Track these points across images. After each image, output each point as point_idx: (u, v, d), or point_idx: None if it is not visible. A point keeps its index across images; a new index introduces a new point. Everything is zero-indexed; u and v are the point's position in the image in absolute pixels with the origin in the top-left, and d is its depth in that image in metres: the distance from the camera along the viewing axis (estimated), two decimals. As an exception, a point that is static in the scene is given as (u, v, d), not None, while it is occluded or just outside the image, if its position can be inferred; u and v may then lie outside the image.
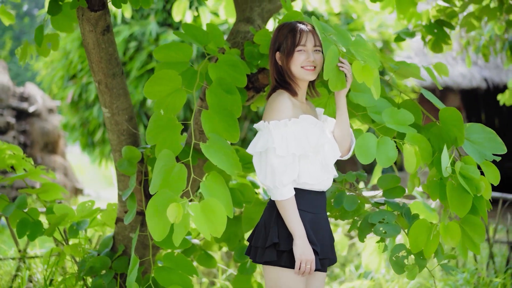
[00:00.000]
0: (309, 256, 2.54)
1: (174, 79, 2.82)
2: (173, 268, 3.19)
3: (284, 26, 2.69)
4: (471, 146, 2.78)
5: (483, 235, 2.76)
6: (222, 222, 2.46)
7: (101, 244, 3.71)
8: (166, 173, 2.56)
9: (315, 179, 2.62)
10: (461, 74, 10.62)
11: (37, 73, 10.26)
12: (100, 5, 3.06)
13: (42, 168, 3.81)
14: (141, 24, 8.41)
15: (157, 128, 2.78)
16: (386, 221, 3.03)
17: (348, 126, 2.70)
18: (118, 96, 3.32)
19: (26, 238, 4.43)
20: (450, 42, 4.14)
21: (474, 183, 2.65)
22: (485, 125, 2.85)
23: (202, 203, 2.46)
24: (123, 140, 3.42)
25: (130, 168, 3.31)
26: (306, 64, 2.63)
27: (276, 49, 2.68)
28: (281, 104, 2.60)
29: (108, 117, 3.38)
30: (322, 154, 2.63)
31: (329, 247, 2.71)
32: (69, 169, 11.77)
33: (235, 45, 3.38)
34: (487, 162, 2.77)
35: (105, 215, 3.75)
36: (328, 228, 2.75)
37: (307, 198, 2.64)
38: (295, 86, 2.68)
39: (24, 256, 4.68)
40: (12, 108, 11.08)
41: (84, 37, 3.17)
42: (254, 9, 3.51)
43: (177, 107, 2.84)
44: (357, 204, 3.18)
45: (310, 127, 2.60)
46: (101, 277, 3.47)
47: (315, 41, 2.65)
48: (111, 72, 3.25)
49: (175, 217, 2.39)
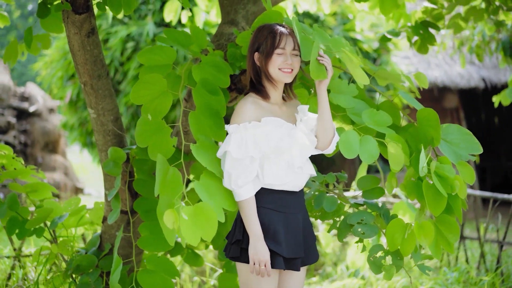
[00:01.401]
0: (262, 256, 2.59)
1: (159, 82, 2.88)
2: (156, 271, 3.24)
3: (264, 28, 2.74)
4: (447, 147, 2.84)
5: (458, 234, 2.81)
6: (214, 226, 2.51)
7: (88, 242, 3.77)
8: (162, 177, 2.60)
9: (280, 180, 2.67)
10: (459, 74, 10.62)
11: (39, 73, 10.33)
12: (85, 8, 3.11)
13: (32, 167, 3.86)
14: (139, 25, 8.46)
15: (146, 132, 2.84)
16: (365, 222, 3.08)
17: (329, 120, 2.72)
18: (104, 97, 3.37)
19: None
20: (435, 43, 4.17)
21: (449, 182, 2.70)
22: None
23: (195, 207, 2.50)
24: (108, 140, 3.47)
25: (116, 169, 3.37)
26: (284, 67, 2.69)
27: (255, 49, 2.73)
28: (243, 108, 2.67)
29: (94, 117, 3.44)
30: (288, 155, 2.68)
31: (301, 246, 2.73)
32: (69, 168, 11.84)
33: (219, 47, 3.43)
34: (462, 162, 2.82)
35: (92, 214, 3.80)
36: (303, 228, 2.78)
37: (278, 198, 2.70)
38: (272, 87, 2.74)
39: (19, 254, 4.74)
40: (13, 108, 11.17)
41: (70, 39, 3.22)
42: (238, 11, 3.56)
43: (164, 110, 2.90)
44: (336, 205, 3.23)
45: (273, 129, 2.65)
46: (87, 275, 3.52)
47: (294, 44, 2.72)
48: (96, 73, 3.31)
49: (172, 223, 2.43)
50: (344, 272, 5.75)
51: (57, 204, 3.68)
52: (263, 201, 2.68)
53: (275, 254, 2.64)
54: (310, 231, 2.84)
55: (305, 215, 2.84)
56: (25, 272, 4.60)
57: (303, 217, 2.81)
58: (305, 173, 2.76)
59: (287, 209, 2.72)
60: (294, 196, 2.75)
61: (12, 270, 4.68)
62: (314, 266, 6.00)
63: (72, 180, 11.74)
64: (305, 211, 2.84)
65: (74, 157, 18.29)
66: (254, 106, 2.69)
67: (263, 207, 2.68)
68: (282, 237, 2.67)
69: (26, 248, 5.30)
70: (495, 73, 10.80)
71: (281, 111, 2.77)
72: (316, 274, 5.95)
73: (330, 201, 3.23)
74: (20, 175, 3.83)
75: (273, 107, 2.75)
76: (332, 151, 2.83)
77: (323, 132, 2.73)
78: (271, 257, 2.64)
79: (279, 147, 2.64)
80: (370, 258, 2.98)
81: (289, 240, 2.69)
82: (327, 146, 2.78)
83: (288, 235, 2.69)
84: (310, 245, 2.82)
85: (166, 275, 3.23)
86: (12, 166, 3.87)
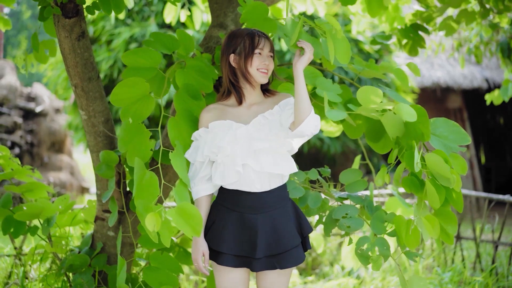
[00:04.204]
0: (194, 255, 2.80)
1: (140, 85, 2.92)
2: (160, 268, 3.32)
3: (238, 32, 2.83)
4: (437, 140, 2.87)
5: (456, 225, 2.88)
6: (199, 223, 2.56)
7: (82, 241, 3.84)
8: (138, 181, 2.65)
9: (225, 180, 2.76)
10: (462, 74, 10.63)
11: (45, 73, 10.47)
12: (74, 12, 3.18)
13: (28, 168, 3.94)
14: (142, 26, 8.55)
15: (128, 136, 2.90)
16: (349, 216, 3.12)
17: (304, 100, 2.67)
18: (94, 99, 3.44)
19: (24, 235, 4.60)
20: (424, 45, 4.21)
21: (445, 176, 2.75)
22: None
23: (177, 208, 2.56)
24: (99, 141, 3.54)
25: (108, 172, 3.44)
26: (261, 67, 2.78)
27: (231, 52, 2.81)
28: (200, 117, 2.86)
29: (85, 119, 3.51)
30: (231, 155, 2.75)
31: (254, 246, 2.75)
32: (75, 168, 11.94)
33: (207, 50, 3.49)
34: (454, 154, 2.86)
35: (86, 212, 3.87)
36: (272, 229, 2.78)
37: (232, 197, 2.79)
38: (249, 87, 2.83)
39: (20, 253, 4.82)
40: (19, 108, 11.28)
41: (60, 43, 3.29)
42: (227, 14, 3.62)
43: (145, 113, 2.95)
44: (321, 201, 3.25)
45: (219, 132, 2.77)
46: (80, 275, 3.59)
47: (270, 47, 2.82)
48: (87, 76, 3.37)
49: (154, 225, 2.50)
50: (340, 272, 5.80)
51: (48, 203, 3.74)
52: (221, 198, 2.83)
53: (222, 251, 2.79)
54: (287, 234, 2.80)
55: (277, 216, 2.81)
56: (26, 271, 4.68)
57: (272, 218, 2.79)
58: (260, 172, 2.76)
59: (243, 209, 2.77)
60: (252, 196, 2.77)
61: (13, 268, 4.76)
62: (311, 265, 6.05)
63: (78, 179, 11.85)
64: (279, 212, 2.81)
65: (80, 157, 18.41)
66: (211, 113, 2.82)
67: (219, 204, 2.82)
68: (230, 234, 2.76)
69: (26, 247, 5.39)
70: (498, 74, 10.80)
71: (248, 111, 2.82)
72: (313, 273, 6.00)
73: (314, 198, 3.25)
74: (17, 175, 3.91)
75: (237, 110, 2.83)
76: (307, 132, 2.70)
77: (297, 111, 2.68)
78: (220, 254, 2.78)
79: (220, 148, 2.72)
80: (357, 251, 3.02)
81: (237, 238, 2.76)
82: (299, 125, 2.67)
83: (237, 233, 2.76)
84: (288, 248, 2.79)
85: (170, 271, 3.32)
86: (9, 166, 3.94)
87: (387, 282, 5.30)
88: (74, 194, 11.39)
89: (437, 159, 2.74)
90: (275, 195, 2.81)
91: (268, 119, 2.78)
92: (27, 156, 11.09)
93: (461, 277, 5.27)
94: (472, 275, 5.40)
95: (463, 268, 5.42)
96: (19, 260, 4.80)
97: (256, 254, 2.74)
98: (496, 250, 5.47)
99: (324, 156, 10.20)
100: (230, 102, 2.86)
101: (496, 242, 5.48)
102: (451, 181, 2.75)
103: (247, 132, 2.75)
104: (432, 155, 2.75)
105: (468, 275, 5.22)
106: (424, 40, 4.25)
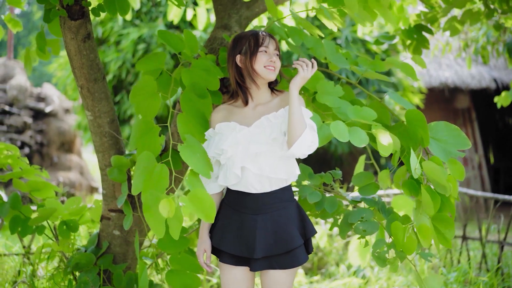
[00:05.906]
0: (197, 251, 2.93)
1: (149, 84, 3.01)
2: (181, 270, 3.35)
3: (243, 33, 2.89)
4: (436, 145, 2.89)
5: (453, 229, 2.89)
6: (212, 207, 2.57)
7: (88, 241, 3.88)
8: (148, 173, 2.68)
9: (227, 181, 2.82)
10: (470, 74, 10.61)
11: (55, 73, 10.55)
12: (80, 14, 3.22)
13: (36, 167, 3.99)
14: (150, 27, 8.60)
15: (139, 133, 2.96)
16: (365, 219, 3.15)
17: (296, 121, 2.67)
18: (100, 100, 3.49)
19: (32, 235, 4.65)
20: (428, 46, 4.23)
21: (442, 184, 2.77)
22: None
23: (190, 194, 2.58)
24: (105, 141, 3.58)
25: (120, 176, 3.48)
26: (268, 64, 2.81)
27: (237, 53, 2.85)
28: (211, 117, 2.93)
29: (91, 120, 3.55)
30: (232, 159, 2.79)
31: (252, 247, 2.78)
32: (85, 168, 12.01)
33: (212, 51, 3.53)
34: (452, 159, 2.88)
35: (93, 212, 3.91)
36: (272, 231, 2.80)
37: (236, 198, 2.86)
38: (255, 87, 2.86)
39: (28, 252, 4.88)
40: (29, 108, 11.37)
41: (66, 44, 3.33)
42: (232, 16, 3.66)
43: (153, 111, 3.01)
44: (337, 205, 3.30)
45: (224, 133, 2.82)
46: (86, 274, 3.63)
47: (275, 45, 2.86)
48: (92, 77, 3.42)
49: (168, 211, 2.52)
50: (346, 272, 5.82)
51: (59, 203, 3.80)
52: (227, 198, 2.91)
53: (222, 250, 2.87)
54: (287, 235, 2.81)
55: (278, 217, 2.82)
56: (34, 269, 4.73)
57: (273, 219, 2.82)
58: (260, 175, 2.80)
59: (244, 209, 2.84)
60: (252, 197, 2.82)
61: (21, 267, 4.81)
62: (317, 265, 6.08)
63: (87, 179, 11.92)
64: (280, 213, 2.83)
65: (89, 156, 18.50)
66: (220, 114, 2.90)
67: (225, 203, 2.91)
68: (230, 233, 2.83)
69: (35, 246, 5.45)
70: (507, 74, 10.77)
71: (253, 112, 2.85)
72: (319, 273, 6.02)
73: (330, 202, 3.30)
74: (25, 174, 3.96)
75: (243, 111, 2.87)
76: (299, 154, 2.71)
77: (289, 132, 2.69)
78: (221, 251, 2.87)
79: (222, 150, 2.78)
80: (374, 253, 3.06)
81: (236, 238, 2.82)
82: (290, 146, 2.69)
83: (238, 233, 2.82)
84: (288, 249, 2.80)
85: (192, 271, 3.36)
86: (17, 165, 4.00)
87: (392, 282, 5.31)
88: (83, 193, 11.46)
89: (434, 166, 2.76)
90: (276, 197, 2.83)
91: (271, 122, 2.79)
92: (37, 156, 11.17)
93: (467, 277, 5.28)
94: (477, 275, 5.41)
95: (469, 268, 5.43)
96: (27, 259, 4.86)
97: (254, 254, 2.77)
98: (502, 251, 5.48)
99: (332, 156, 10.21)
100: (238, 103, 2.92)
101: (502, 243, 5.49)
102: (447, 190, 2.79)
103: (248, 135, 2.79)
104: (430, 163, 2.77)
105: (473, 275, 5.23)
106: (428, 41, 4.26)
